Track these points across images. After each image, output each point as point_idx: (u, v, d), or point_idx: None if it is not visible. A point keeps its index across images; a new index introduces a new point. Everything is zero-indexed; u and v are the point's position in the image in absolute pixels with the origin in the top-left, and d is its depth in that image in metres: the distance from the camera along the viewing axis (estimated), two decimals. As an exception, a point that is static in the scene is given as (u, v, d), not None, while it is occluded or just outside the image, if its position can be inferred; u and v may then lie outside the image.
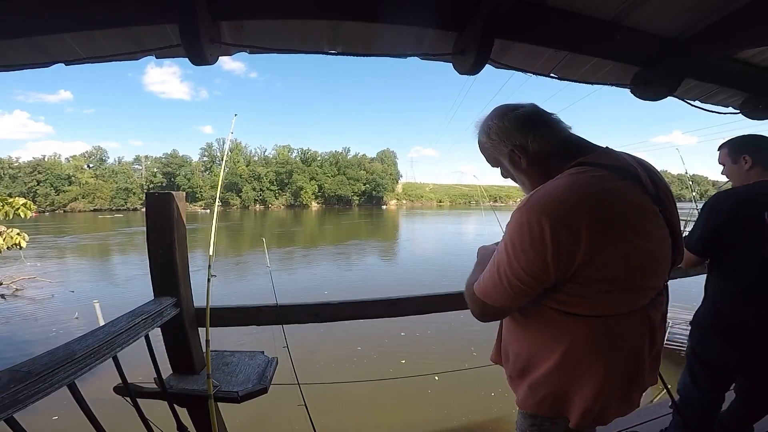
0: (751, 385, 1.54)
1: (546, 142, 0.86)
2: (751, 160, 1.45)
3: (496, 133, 0.90)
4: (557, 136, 0.87)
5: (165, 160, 79.52)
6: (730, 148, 1.53)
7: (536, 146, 0.86)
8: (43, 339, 6.85)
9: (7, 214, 5.99)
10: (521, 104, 0.91)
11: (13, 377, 0.75)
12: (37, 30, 1.17)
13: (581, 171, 0.78)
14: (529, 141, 0.86)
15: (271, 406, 3.27)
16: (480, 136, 0.95)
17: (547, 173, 0.84)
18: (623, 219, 0.74)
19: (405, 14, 1.27)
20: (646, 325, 0.82)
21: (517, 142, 0.87)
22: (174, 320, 1.40)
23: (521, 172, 0.90)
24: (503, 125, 0.89)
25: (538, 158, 0.87)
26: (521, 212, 0.76)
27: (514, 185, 0.96)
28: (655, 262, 0.79)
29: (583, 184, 0.75)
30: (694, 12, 1.35)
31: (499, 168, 0.98)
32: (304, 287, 10.73)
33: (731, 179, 1.55)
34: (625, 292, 0.78)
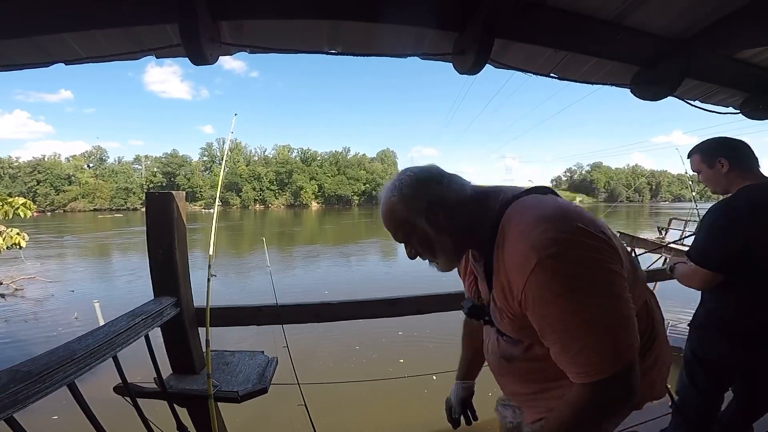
0: (751, 384, 1.55)
1: (461, 187, 0.82)
2: (727, 163, 1.41)
3: (409, 186, 0.81)
4: (468, 184, 0.84)
5: (165, 160, 79.51)
6: (702, 153, 1.48)
7: (453, 193, 0.80)
8: (43, 339, 6.84)
9: (7, 214, 5.98)
10: (423, 164, 0.87)
11: (13, 377, 0.76)
12: (37, 30, 1.17)
13: (551, 196, 0.80)
14: (444, 188, 0.81)
15: (271, 406, 3.26)
16: (389, 198, 0.83)
17: (470, 223, 0.80)
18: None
19: (405, 14, 1.27)
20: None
21: (432, 193, 0.80)
22: (174, 320, 1.40)
23: (442, 231, 0.80)
24: (414, 177, 0.82)
25: (458, 207, 0.80)
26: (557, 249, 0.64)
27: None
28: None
29: (569, 205, 0.75)
30: (694, 12, 1.35)
31: (407, 242, 0.86)
32: (304, 287, 10.73)
33: (710, 185, 1.50)
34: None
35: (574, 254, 0.65)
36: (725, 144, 1.45)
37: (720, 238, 1.36)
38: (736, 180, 1.41)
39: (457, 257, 0.87)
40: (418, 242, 0.84)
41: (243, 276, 12.81)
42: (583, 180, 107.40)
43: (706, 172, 1.48)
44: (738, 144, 1.44)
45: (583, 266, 0.65)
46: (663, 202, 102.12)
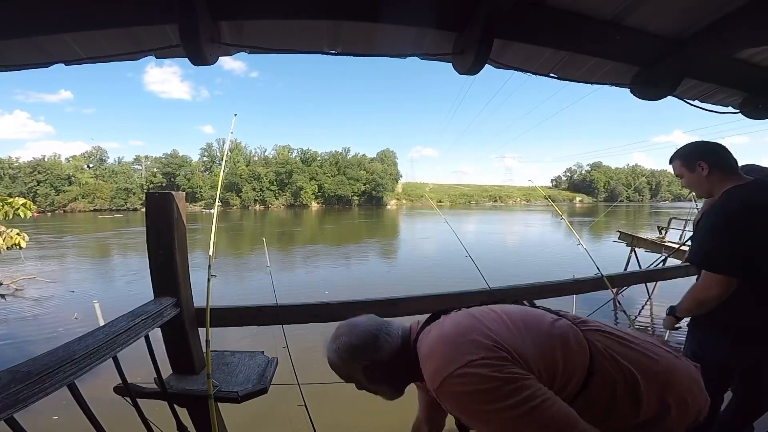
0: (751, 383, 1.55)
1: (393, 341, 0.95)
2: (707, 166, 1.42)
3: (345, 352, 0.95)
4: (397, 333, 0.97)
5: (165, 160, 79.45)
6: (682, 158, 1.50)
7: (385, 352, 0.93)
8: (43, 339, 6.84)
9: (7, 214, 5.98)
10: (359, 319, 1.02)
11: (13, 377, 0.76)
12: (37, 30, 1.17)
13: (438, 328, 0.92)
14: (378, 350, 0.93)
15: (271, 406, 3.26)
16: (331, 358, 0.99)
17: (404, 370, 0.93)
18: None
19: (405, 14, 1.27)
20: None
21: (366, 358, 0.93)
22: (174, 320, 1.40)
23: (379, 384, 0.96)
24: (349, 346, 0.95)
25: (391, 363, 0.93)
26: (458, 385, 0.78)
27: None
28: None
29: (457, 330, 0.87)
30: (694, 12, 1.35)
31: (353, 382, 1.00)
32: (304, 287, 10.73)
33: (694, 189, 1.52)
34: None
35: (455, 381, 0.77)
36: (702, 148, 1.47)
37: (729, 241, 1.33)
38: (719, 182, 1.42)
39: (399, 393, 1.01)
40: (363, 387, 0.99)
41: (243, 276, 12.80)
42: (583, 180, 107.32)
43: (687, 176, 1.50)
44: (715, 147, 1.46)
45: (468, 387, 0.76)
46: (663, 201, 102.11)
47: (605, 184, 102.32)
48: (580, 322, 0.94)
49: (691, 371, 0.91)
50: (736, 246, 1.32)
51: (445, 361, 0.80)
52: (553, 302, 2.41)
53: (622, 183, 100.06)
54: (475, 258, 2.25)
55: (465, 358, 0.78)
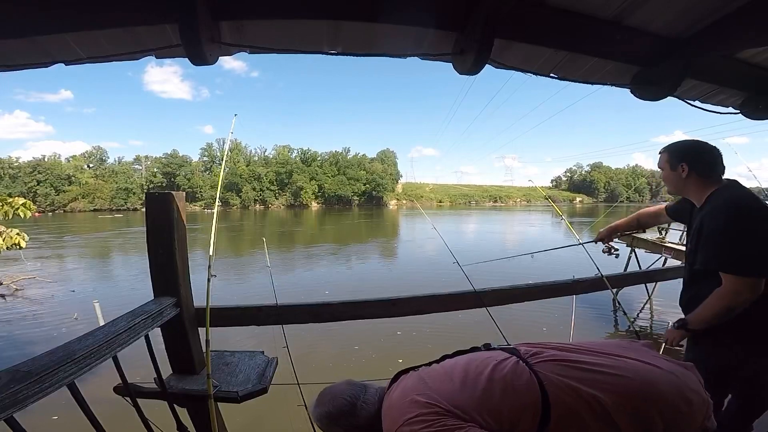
0: (751, 385, 1.54)
1: (369, 405, 1.02)
2: (687, 168, 1.44)
3: (326, 419, 1.04)
4: (374, 397, 1.03)
5: (165, 160, 79.44)
6: (670, 154, 1.51)
7: (362, 418, 1.00)
8: (44, 339, 6.85)
9: (7, 214, 5.98)
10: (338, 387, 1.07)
11: (13, 377, 0.76)
12: (37, 30, 1.17)
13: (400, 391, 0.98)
14: (355, 417, 1.01)
15: (271, 406, 3.26)
16: (314, 417, 1.07)
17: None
18: None
19: (405, 14, 1.27)
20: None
21: (345, 424, 1.02)
22: (174, 320, 1.40)
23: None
24: (328, 415, 1.03)
25: (367, 426, 1.00)
26: None
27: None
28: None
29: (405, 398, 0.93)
30: (694, 12, 1.34)
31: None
32: (304, 287, 10.73)
33: (668, 185, 1.54)
34: None
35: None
36: (693, 149, 1.48)
37: (754, 242, 1.30)
38: (694, 186, 1.45)
39: None
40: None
41: (243, 276, 12.80)
42: (583, 180, 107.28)
43: (667, 171, 1.53)
44: (705, 150, 1.46)
45: None
46: (663, 202, 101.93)
47: (605, 185, 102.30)
48: (531, 356, 0.95)
49: (677, 377, 0.88)
50: (761, 247, 1.30)
51: (390, 422, 0.90)
52: (552, 302, 2.41)
53: (623, 183, 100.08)
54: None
55: (403, 417, 0.87)
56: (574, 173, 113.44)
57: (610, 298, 2.58)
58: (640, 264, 10.16)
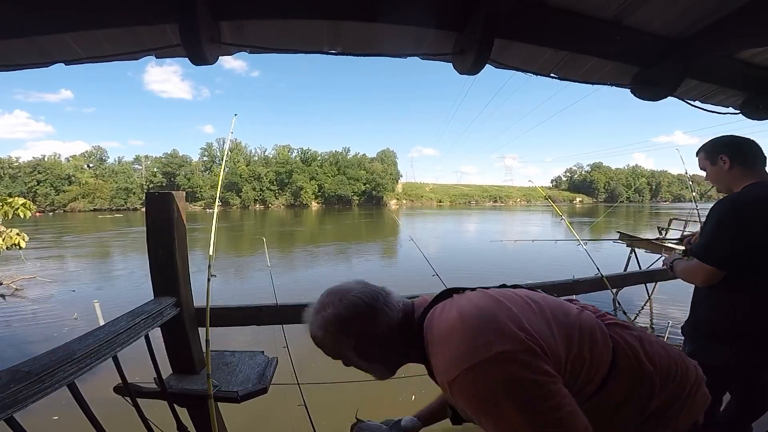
0: (749, 385, 1.55)
1: (390, 314, 0.81)
2: (729, 159, 1.42)
3: (333, 324, 0.80)
4: (398, 306, 0.84)
5: (165, 160, 79.50)
6: (706, 151, 1.50)
7: (382, 326, 0.80)
8: (44, 339, 6.84)
9: (7, 214, 5.98)
10: (350, 286, 0.85)
11: (13, 377, 0.76)
12: (37, 30, 1.17)
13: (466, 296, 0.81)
14: (373, 323, 0.80)
15: (271, 406, 3.26)
16: (314, 329, 0.83)
17: (401, 349, 0.82)
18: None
19: (405, 14, 1.27)
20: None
21: (359, 330, 0.79)
22: (174, 320, 1.40)
23: (373, 361, 0.83)
24: (337, 316, 0.80)
25: (388, 338, 0.80)
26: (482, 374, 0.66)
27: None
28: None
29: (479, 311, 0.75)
30: (694, 12, 1.34)
31: (342, 359, 0.87)
32: (304, 287, 10.73)
33: (715, 182, 1.52)
34: None
35: (478, 374, 0.66)
36: (728, 142, 1.46)
37: (725, 234, 1.35)
38: (740, 178, 1.41)
39: (391, 373, 0.89)
40: (354, 365, 0.86)
41: (243, 276, 12.80)
42: (583, 180, 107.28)
43: (709, 169, 1.50)
44: (742, 142, 1.44)
45: (491, 382, 0.65)
46: (663, 202, 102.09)
47: (605, 185, 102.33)
48: (600, 315, 0.86)
49: (697, 369, 0.91)
50: (734, 242, 1.33)
51: (466, 350, 0.67)
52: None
53: (622, 183, 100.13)
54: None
55: (491, 349, 0.66)
56: (574, 173, 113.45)
57: (611, 298, 2.59)
58: (640, 264, 10.16)
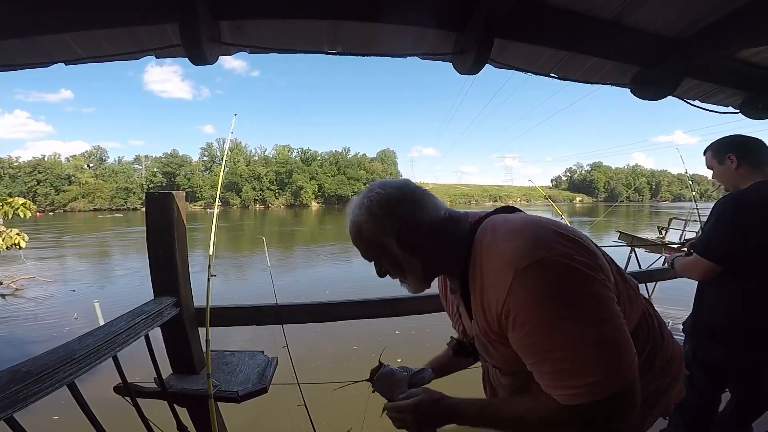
0: (749, 384, 1.55)
1: (435, 208, 0.77)
2: (736, 159, 1.44)
3: (378, 206, 0.75)
4: (444, 206, 0.79)
5: (165, 160, 79.63)
6: (713, 150, 1.52)
7: (426, 215, 0.76)
8: (43, 339, 6.84)
9: (7, 214, 5.98)
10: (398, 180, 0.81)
11: (13, 377, 0.76)
12: (37, 30, 1.17)
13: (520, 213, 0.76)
14: (417, 209, 0.75)
15: (271, 406, 3.26)
16: (356, 216, 0.78)
17: (444, 247, 0.76)
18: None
19: (405, 14, 1.27)
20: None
21: (404, 215, 0.75)
22: (174, 320, 1.40)
23: (413, 253, 0.76)
24: (385, 196, 0.76)
25: (431, 230, 0.75)
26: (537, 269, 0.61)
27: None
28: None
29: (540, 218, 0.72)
30: (694, 12, 1.35)
31: (375, 261, 0.82)
32: (304, 287, 10.73)
33: (722, 181, 1.54)
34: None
35: (553, 265, 0.61)
36: (735, 141, 1.48)
37: (724, 229, 1.37)
38: (747, 177, 1.42)
39: (427, 281, 0.83)
40: (387, 262, 0.80)
41: (243, 276, 12.81)
42: (583, 180, 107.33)
43: (717, 168, 1.52)
44: (749, 141, 1.46)
45: (563, 277, 0.60)
46: (663, 201, 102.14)
47: (605, 184, 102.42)
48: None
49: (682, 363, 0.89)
50: (732, 237, 1.34)
51: (547, 240, 0.63)
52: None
53: (622, 183, 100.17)
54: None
55: (570, 245, 0.63)
56: (574, 173, 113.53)
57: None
58: (640, 263, 10.17)
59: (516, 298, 0.62)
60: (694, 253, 1.46)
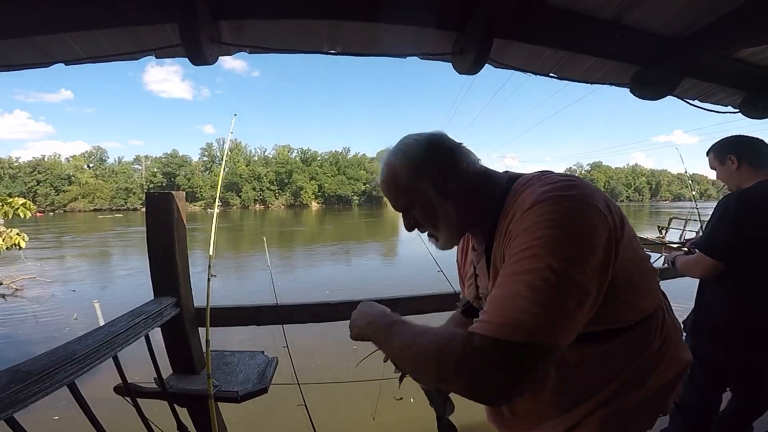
0: (750, 383, 1.55)
1: (472, 160, 0.76)
2: (736, 159, 1.46)
3: (415, 150, 0.75)
4: (476, 158, 0.78)
5: (165, 160, 79.65)
6: (715, 151, 1.55)
7: (463, 163, 0.75)
8: (44, 339, 6.84)
9: (7, 214, 5.98)
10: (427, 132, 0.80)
11: (13, 377, 0.76)
12: (37, 30, 1.17)
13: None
14: (455, 156, 0.75)
15: (271, 406, 3.26)
16: (392, 162, 0.77)
17: (479, 196, 0.74)
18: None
19: (405, 14, 1.27)
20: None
21: (441, 159, 0.74)
22: (174, 320, 1.40)
23: (448, 200, 0.74)
24: (422, 141, 0.76)
25: (468, 178, 0.74)
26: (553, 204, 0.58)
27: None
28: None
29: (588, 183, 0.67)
30: (694, 11, 1.35)
31: (407, 210, 0.80)
32: (304, 287, 10.73)
33: (725, 182, 1.56)
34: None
35: (576, 204, 0.59)
36: (735, 141, 1.50)
37: (727, 227, 1.38)
38: (748, 176, 1.44)
39: (459, 232, 0.80)
40: (420, 210, 0.77)
41: (243, 276, 12.80)
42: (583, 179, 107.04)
43: (719, 168, 1.55)
44: (749, 141, 1.48)
45: (577, 219, 0.58)
46: (663, 201, 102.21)
47: (605, 184, 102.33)
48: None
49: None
50: (734, 235, 1.35)
51: (579, 186, 0.61)
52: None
53: (622, 183, 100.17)
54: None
55: (594, 196, 0.61)
56: (574, 172, 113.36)
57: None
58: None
59: (525, 220, 0.60)
60: (697, 250, 1.47)
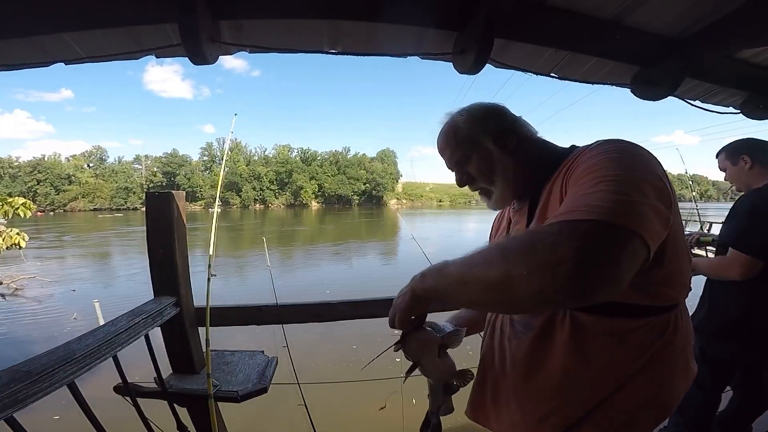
0: (751, 383, 1.55)
1: (531, 130, 0.82)
2: (750, 159, 1.48)
3: (479, 111, 0.81)
4: (533, 128, 0.84)
5: (165, 160, 79.66)
6: (727, 152, 1.57)
7: (525, 129, 0.81)
8: (44, 339, 6.84)
9: (7, 214, 5.98)
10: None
11: (13, 377, 0.76)
12: (37, 30, 1.17)
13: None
14: (517, 122, 0.82)
15: (271, 406, 3.27)
16: (454, 118, 0.82)
17: (537, 157, 0.78)
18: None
19: (405, 14, 1.27)
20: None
21: (506, 121, 0.81)
22: (174, 320, 1.40)
23: (508, 154, 0.78)
24: (486, 106, 0.83)
25: (528, 141, 0.80)
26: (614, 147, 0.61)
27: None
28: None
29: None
30: (695, 11, 1.34)
31: (462, 164, 0.82)
32: (304, 287, 10.73)
33: (735, 182, 1.57)
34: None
35: (633, 149, 0.61)
36: (749, 143, 1.53)
37: (762, 221, 1.37)
38: (759, 176, 1.47)
39: (516, 188, 0.79)
40: (477, 163, 0.79)
41: (243, 276, 12.80)
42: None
43: (730, 169, 1.57)
44: (762, 143, 1.51)
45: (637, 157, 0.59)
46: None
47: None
48: None
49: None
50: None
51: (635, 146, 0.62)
52: (553, 302, 2.40)
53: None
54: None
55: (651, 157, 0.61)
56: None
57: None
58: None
59: (586, 155, 0.63)
60: (731, 249, 1.42)
